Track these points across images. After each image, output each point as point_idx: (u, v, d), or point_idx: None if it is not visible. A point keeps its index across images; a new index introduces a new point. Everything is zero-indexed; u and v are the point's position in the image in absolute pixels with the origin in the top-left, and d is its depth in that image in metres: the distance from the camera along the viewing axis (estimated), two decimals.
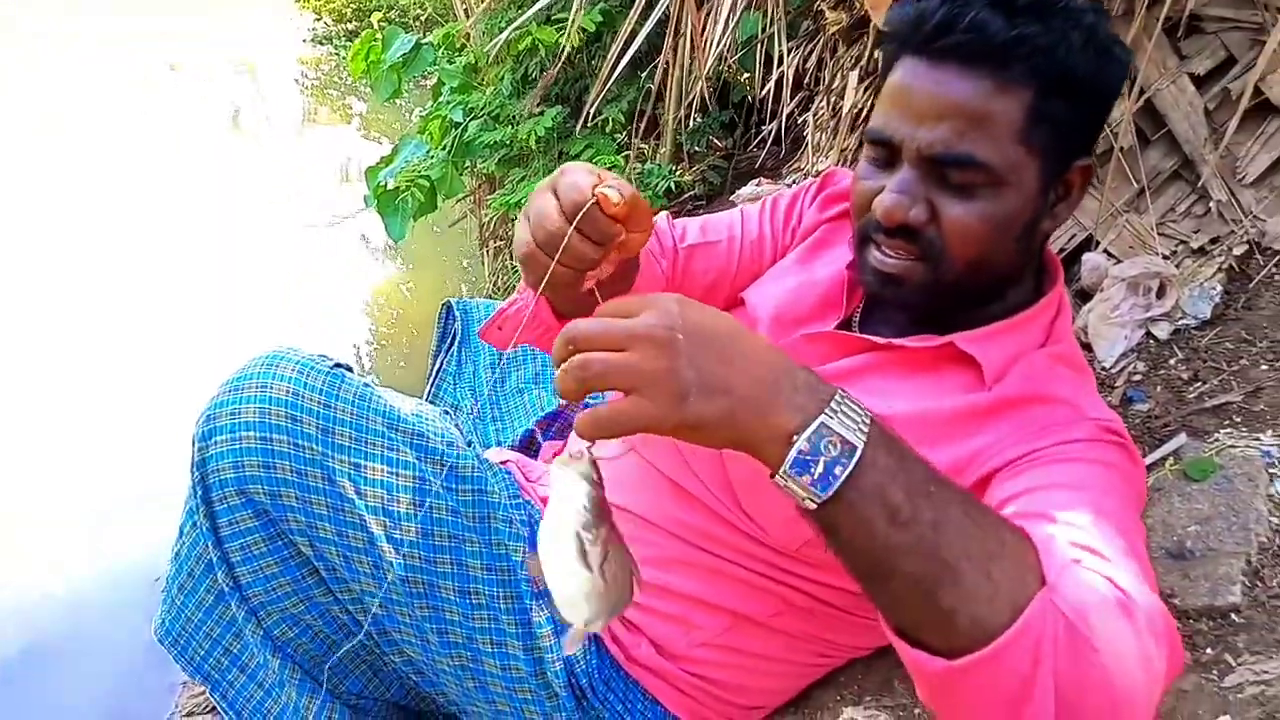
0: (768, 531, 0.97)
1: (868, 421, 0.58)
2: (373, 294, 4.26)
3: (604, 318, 0.60)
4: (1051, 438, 0.79)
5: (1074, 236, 1.65)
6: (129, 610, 2.07)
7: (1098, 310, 1.53)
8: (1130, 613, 0.58)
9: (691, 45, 2.57)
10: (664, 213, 1.19)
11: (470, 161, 3.25)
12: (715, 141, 3.08)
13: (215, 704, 1.14)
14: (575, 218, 0.68)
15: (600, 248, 0.70)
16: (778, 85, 2.45)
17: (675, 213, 2.90)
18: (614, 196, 0.67)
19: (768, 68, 2.49)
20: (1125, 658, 0.56)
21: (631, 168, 2.86)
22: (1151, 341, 1.51)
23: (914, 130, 0.81)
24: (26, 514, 2.50)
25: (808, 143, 2.41)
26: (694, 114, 2.82)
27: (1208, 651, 1.01)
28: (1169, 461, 1.26)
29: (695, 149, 3.00)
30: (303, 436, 0.97)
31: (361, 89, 7.51)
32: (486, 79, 3.38)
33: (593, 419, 0.58)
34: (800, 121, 2.50)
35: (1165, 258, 1.53)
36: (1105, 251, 1.60)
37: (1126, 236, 1.58)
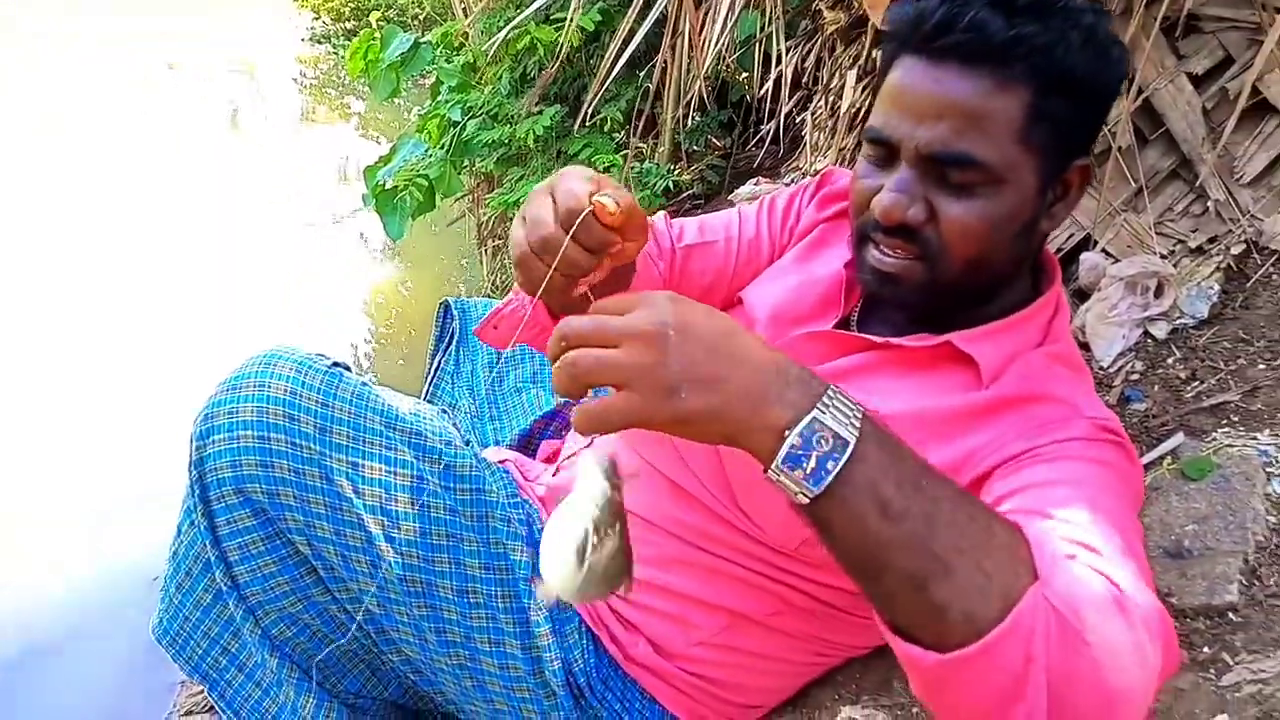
0: (766, 531, 0.97)
1: (859, 416, 0.58)
2: (371, 293, 4.25)
3: (598, 315, 0.61)
4: (1048, 436, 0.79)
5: (1072, 236, 1.65)
6: (128, 609, 2.07)
7: (1095, 309, 1.53)
8: (1124, 607, 0.58)
9: (690, 44, 2.57)
10: (662, 212, 1.19)
11: (468, 160, 3.25)
12: (713, 141, 3.09)
13: (213, 703, 1.14)
14: (571, 225, 0.68)
15: (594, 256, 0.70)
16: (776, 84, 2.46)
17: (673, 212, 2.89)
18: (610, 206, 0.67)
19: (766, 67, 2.49)
20: (1118, 652, 0.56)
21: (630, 167, 2.86)
22: (1149, 341, 1.51)
23: (913, 129, 0.81)
24: (26, 514, 2.50)
25: (806, 142, 2.41)
26: (692, 113, 2.82)
27: (1205, 650, 1.02)
28: (1167, 461, 1.27)
29: (694, 148, 3.00)
30: (300, 435, 0.97)
31: (360, 88, 7.51)
32: (485, 78, 3.38)
33: (585, 414, 0.59)
34: (798, 121, 2.50)
35: (1163, 257, 1.53)
36: (1103, 251, 1.60)
37: (1124, 236, 1.58)
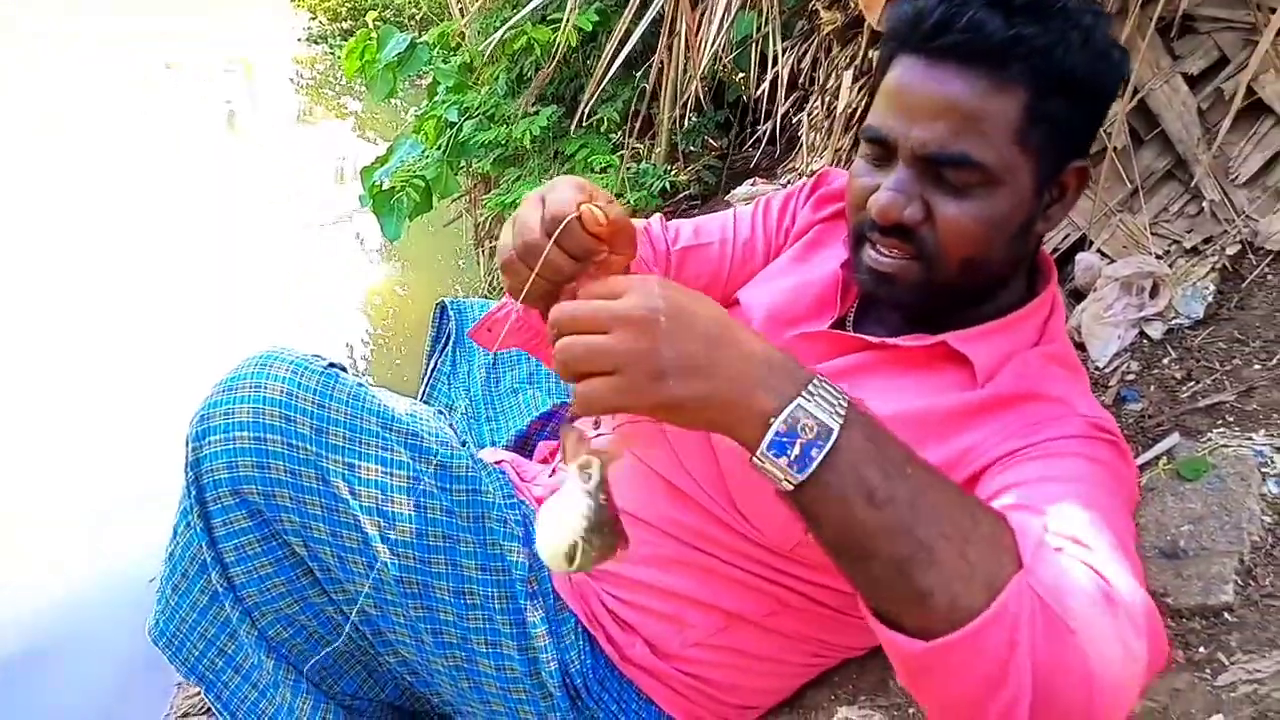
0: (762, 532, 0.97)
1: (845, 405, 0.58)
2: (368, 293, 4.25)
3: (589, 300, 0.62)
4: (1042, 434, 0.79)
5: (1067, 236, 1.65)
6: (127, 611, 2.06)
7: (1091, 310, 1.54)
8: (1110, 598, 0.58)
9: (686, 45, 2.57)
10: (657, 215, 1.19)
11: (465, 161, 3.25)
12: (710, 141, 3.09)
13: (210, 704, 1.14)
14: (555, 231, 0.68)
15: (577, 263, 0.70)
16: (772, 85, 2.46)
17: (670, 213, 2.90)
18: (598, 214, 0.67)
19: (762, 67, 2.49)
20: (1103, 642, 0.56)
21: (626, 167, 2.86)
22: (1145, 341, 1.52)
23: (910, 129, 0.81)
24: (26, 514, 2.50)
25: (802, 143, 2.41)
26: (689, 114, 2.82)
27: (1200, 650, 1.02)
28: (1162, 461, 1.27)
29: (690, 149, 3.00)
30: (297, 436, 0.97)
31: (357, 88, 7.51)
32: (481, 78, 3.38)
33: (576, 397, 0.60)
34: (795, 121, 2.50)
35: (1158, 257, 1.53)
36: (1099, 251, 1.60)
37: (1120, 236, 1.59)
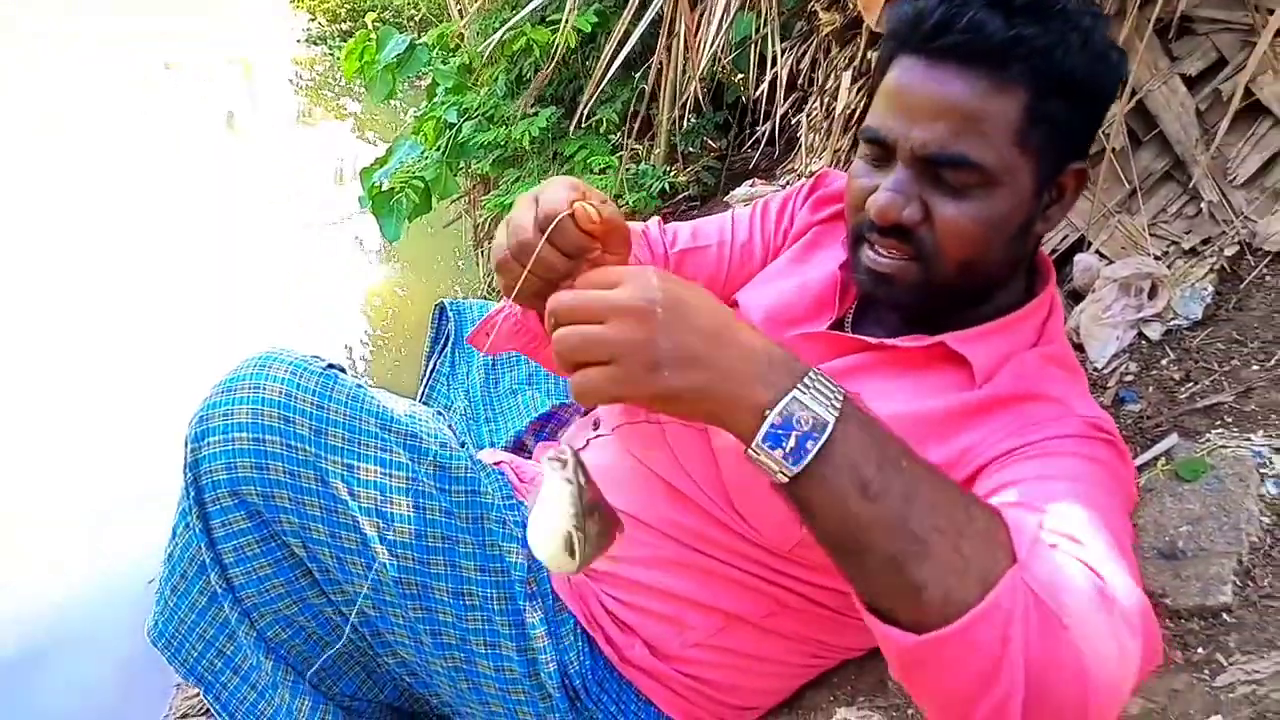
0: (761, 533, 0.97)
1: (841, 398, 0.59)
2: (367, 294, 4.25)
3: (584, 289, 0.62)
4: (1040, 433, 0.79)
5: (1066, 237, 1.65)
6: (126, 611, 2.07)
7: (1089, 311, 1.54)
8: (1104, 595, 0.58)
9: (685, 46, 2.57)
10: (655, 218, 1.19)
11: (464, 162, 3.25)
12: (709, 142, 3.09)
13: (209, 706, 1.14)
14: (548, 228, 0.69)
15: (570, 261, 0.70)
16: (771, 86, 2.45)
17: (669, 214, 2.90)
18: (591, 212, 0.68)
19: (761, 69, 2.49)
20: (1097, 639, 0.56)
21: (625, 168, 2.87)
22: (1143, 342, 1.52)
23: (909, 129, 0.81)
24: (26, 514, 2.50)
25: (801, 144, 2.41)
26: (688, 115, 2.82)
27: (1199, 651, 1.02)
28: (1160, 462, 1.27)
29: (689, 150, 3.01)
30: (295, 438, 0.97)
31: (356, 89, 7.51)
32: (480, 80, 3.38)
33: (573, 387, 0.60)
34: (794, 122, 2.50)
35: (1157, 258, 1.53)
36: (1097, 252, 1.60)
37: (1118, 237, 1.59)
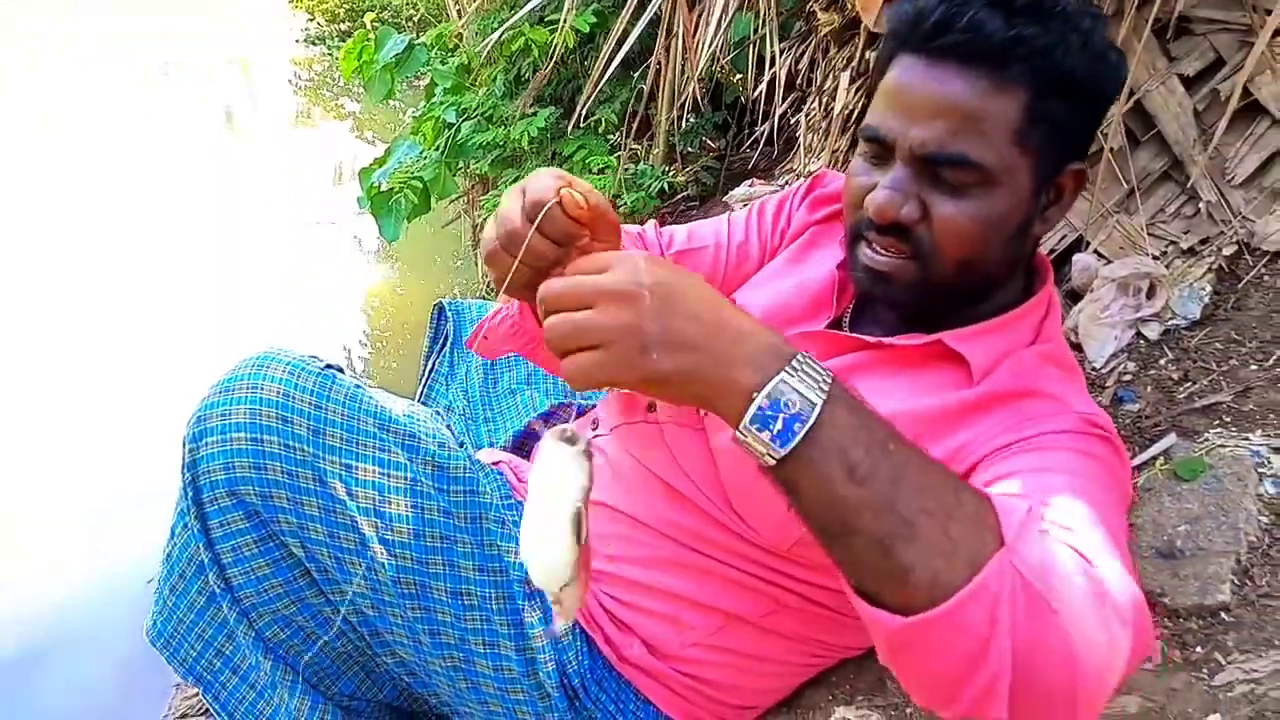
0: (759, 532, 0.97)
1: (828, 381, 0.59)
2: (366, 294, 4.25)
3: (574, 275, 0.62)
4: (1037, 428, 0.79)
5: (1064, 237, 1.65)
6: (126, 611, 2.07)
7: (1088, 311, 1.54)
8: (1094, 580, 0.58)
9: (684, 46, 2.57)
10: (651, 221, 1.20)
11: (463, 162, 3.25)
12: (708, 142, 3.09)
13: (208, 705, 1.14)
14: (537, 217, 0.69)
15: (560, 249, 0.71)
16: (770, 86, 2.46)
17: (668, 213, 2.90)
18: (578, 199, 0.69)
19: (760, 69, 2.49)
20: (1086, 624, 0.56)
21: (624, 168, 2.87)
22: (1141, 342, 1.52)
23: (908, 128, 0.81)
24: (26, 514, 2.50)
25: (800, 144, 2.41)
26: (686, 115, 2.82)
27: (1197, 650, 1.02)
28: (1159, 461, 1.27)
29: (688, 150, 3.01)
30: (294, 438, 0.97)
31: (355, 89, 7.51)
32: (479, 80, 3.38)
33: (566, 372, 0.61)
34: (793, 122, 2.50)
35: (1155, 258, 1.54)
36: (1095, 252, 1.60)
37: (1117, 237, 1.59)
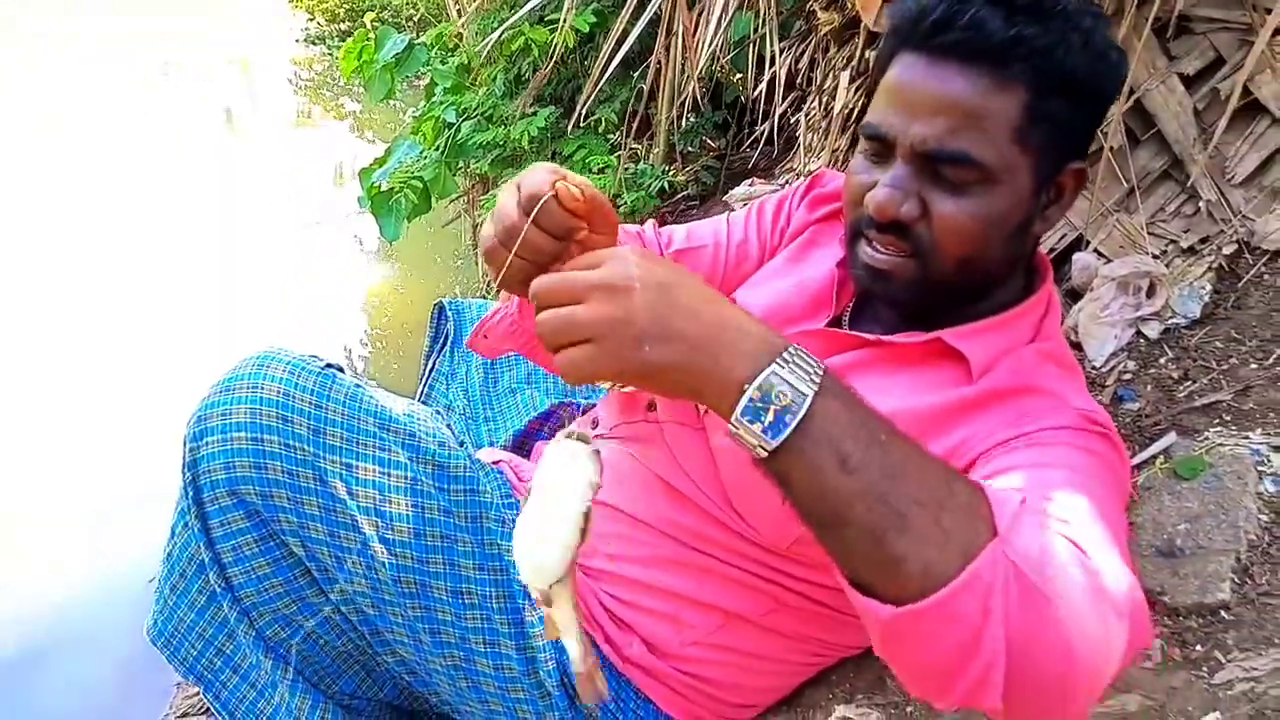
0: (759, 531, 0.97)
1: (820, 373, 0.59)
2: (366, 294, 4.26)
3: (566, 271, 0.63)
4: (1035, 424, 0.79)
5: (1064, 236, 1.65)
6: (126, 610, 2.07)
7: (1088, 310, 1.54)
8: (1089, 571, 0.58)
9: (684, 45, 2.57)
10: (650, 221, 1.20)
11: (463, 162, 3.25)
12: (708, 142, 3.09)
13: (209, 704, 1.14)
14: (533, 210, 0.69)
15: (558, 243, 0.71)
16: (770, 85, 2.45)
17: (668, 213, 2.90)
18: (574, 191, 0.69)
19: (760, 68, 2.49)
20: (1081, 614, 0.56)
21: (624, 168, 2.87)
22: (1141, 341, 1.52)
23: (909, 126, 0.81)
24: (26, 514, 2.50)
25: (800, 143, 2.41)
26: (686, 114, 2.82)
27: (1197, 648, 1.02)
28: (1159, 460, 1.27)
29: (688, 149, 3.01)
30: (294, 437, 0.97)
31: (355, 89, 7.52)
32: (479, 79, 3.38)
33: (560, 366, 0.61)
34: (793, 122, 2.50)
35: (1155, 257, 1.53)
36: (1095, 251, 1.60)
37: (1116, 236, 1.59)
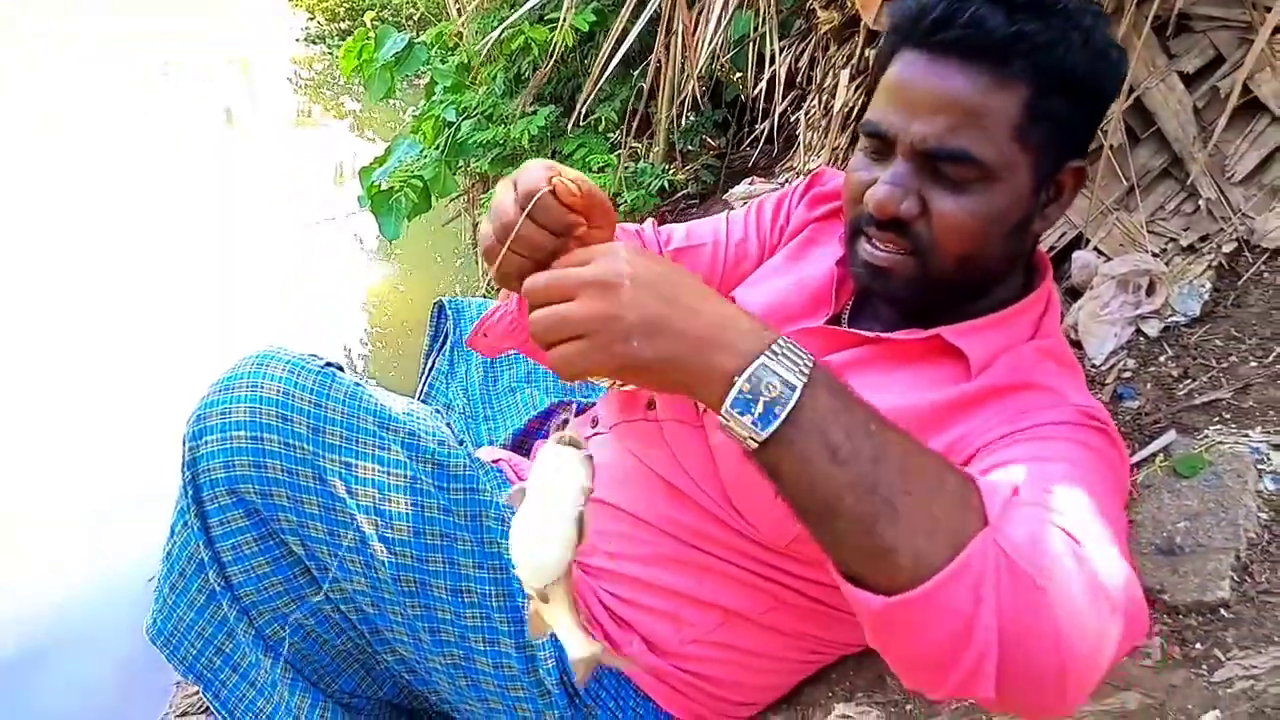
0: (758, 528, 0.97)
1: (809, 365, 0.59)
2: (366, 293, 4.26)
3: (558, 269, 0.63)
4: (1034, 419, 0.79)
5: (1064, 234, 1.65)
6: (126, 610, 2.07)
7: (1088, 308, 1.54)
8: (1081, 560, 0.58)
9: (683, 44, 2.57)
10: (649, 220, 1.20)
11: (463, 161, 3.25)
12: (708, 140, 3.09)
13: (208, 703, 1.14)
14: (528, 206, 0.69)
15: (555, 238, 0.71)
16: (770, 84, 2.46)
17: (668, 212, 2.90)
18: (570, 186, 0.69)
19: (760, 67, 2.49)
20: (1074, 603, 0.56)
21: (624, 167, 2.87)
22: (1141, 339, 1.52)
23: (910, 123, 0.81)
24: (26, 514, 2.50)
25: (800, 142, 2.41)
26: (686, 113, 2.82)
27: (1197, 647, 1.02)
28: (1159, 458, 1.27)
29: (688, 148, 3.01)
30: (293, 436, 0.97)
31: (355, 88, 7.52)
32: (479, 78, 3.38)
33: (553, 362, 0.62)
34: (793, 120, 2.50)
35: (1155, 255, 1.53)
36: (1095, 249, 1.60)
37: (1116, 234, 1.59)
